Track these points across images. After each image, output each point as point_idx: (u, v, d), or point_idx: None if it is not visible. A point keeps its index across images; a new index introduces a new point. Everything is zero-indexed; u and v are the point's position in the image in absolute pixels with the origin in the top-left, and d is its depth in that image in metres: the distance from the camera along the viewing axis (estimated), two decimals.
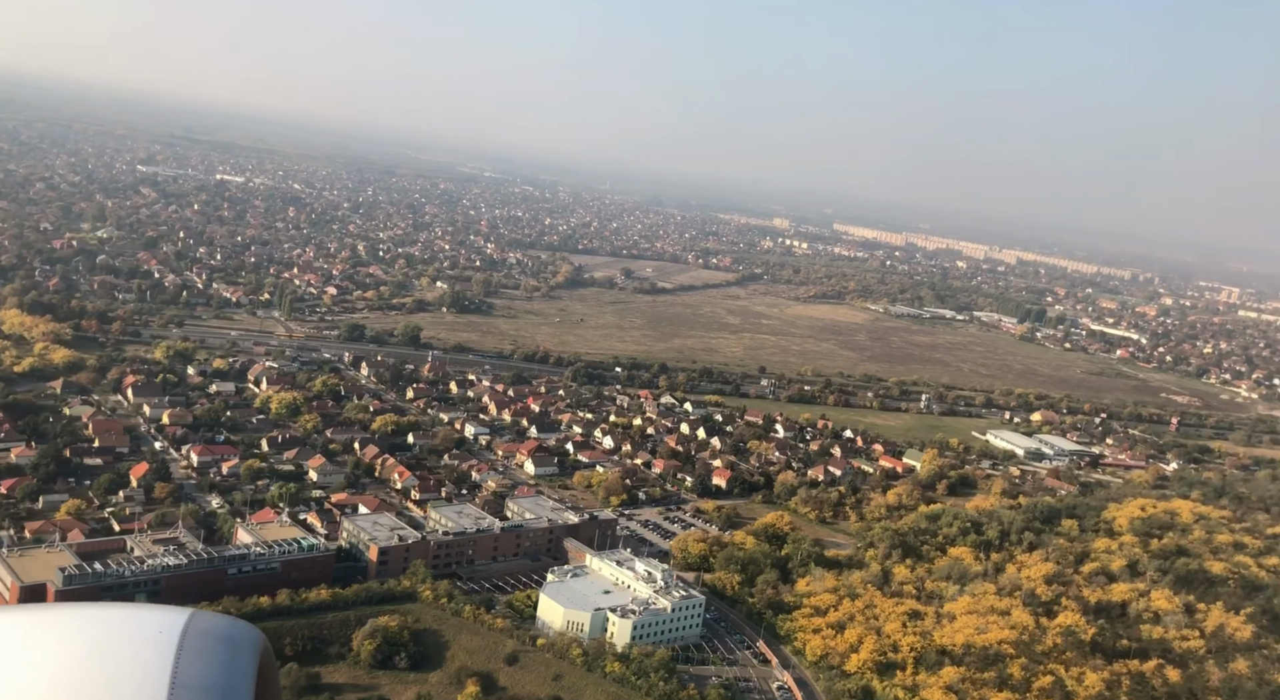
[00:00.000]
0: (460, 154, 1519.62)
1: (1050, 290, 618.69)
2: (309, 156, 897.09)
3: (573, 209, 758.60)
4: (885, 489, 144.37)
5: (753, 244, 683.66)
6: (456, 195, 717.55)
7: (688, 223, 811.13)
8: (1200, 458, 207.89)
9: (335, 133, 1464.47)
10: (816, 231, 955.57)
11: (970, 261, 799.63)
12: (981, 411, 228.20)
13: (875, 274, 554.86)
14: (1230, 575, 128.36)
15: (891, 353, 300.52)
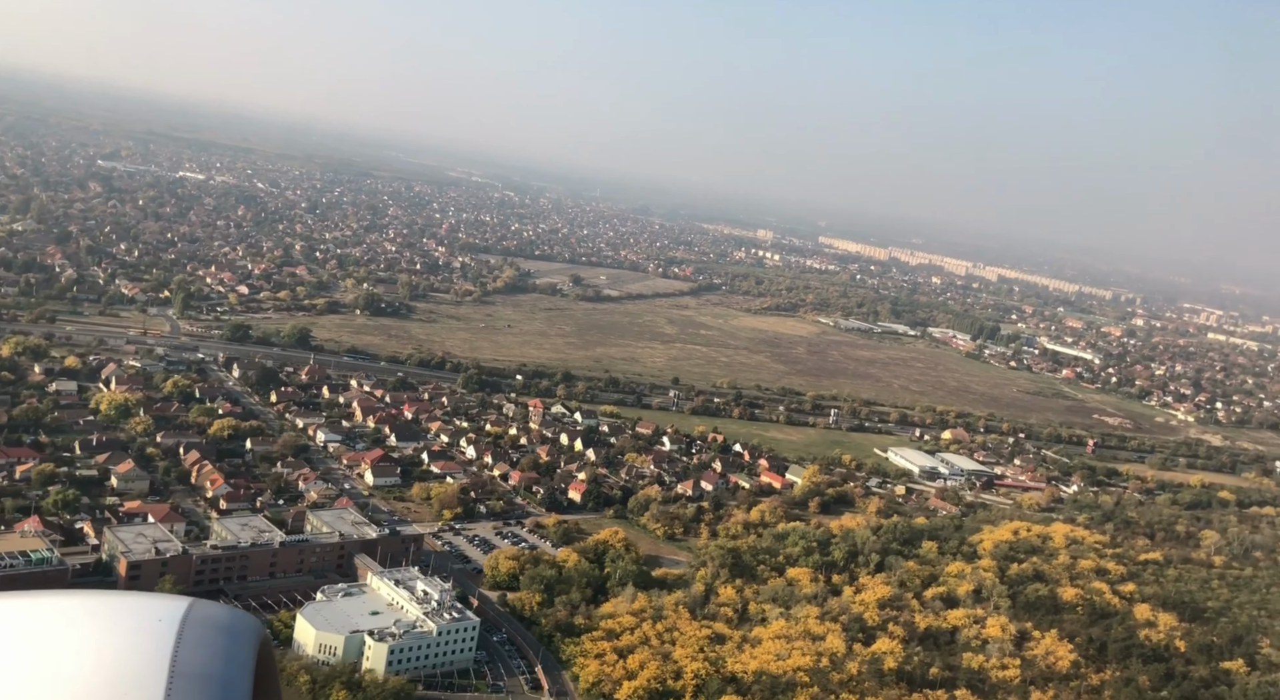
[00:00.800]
0: (453, 158, 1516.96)
1: (1019, 308, 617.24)
2: (288, 156, 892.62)
3: (547, 215, 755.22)
4: (751, 505, 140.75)
5: (725, 254, 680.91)
6: (429, 198, 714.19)
7: (665, 232, 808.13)
8: (1105, 481, 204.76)
9: (327, 134, 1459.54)
10: (799, 244, 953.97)
11: (948, 277, 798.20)
12: (893, 428, 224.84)
13: (839, 287, 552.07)
14: (1080, 602, 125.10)
15: (825, 367, 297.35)
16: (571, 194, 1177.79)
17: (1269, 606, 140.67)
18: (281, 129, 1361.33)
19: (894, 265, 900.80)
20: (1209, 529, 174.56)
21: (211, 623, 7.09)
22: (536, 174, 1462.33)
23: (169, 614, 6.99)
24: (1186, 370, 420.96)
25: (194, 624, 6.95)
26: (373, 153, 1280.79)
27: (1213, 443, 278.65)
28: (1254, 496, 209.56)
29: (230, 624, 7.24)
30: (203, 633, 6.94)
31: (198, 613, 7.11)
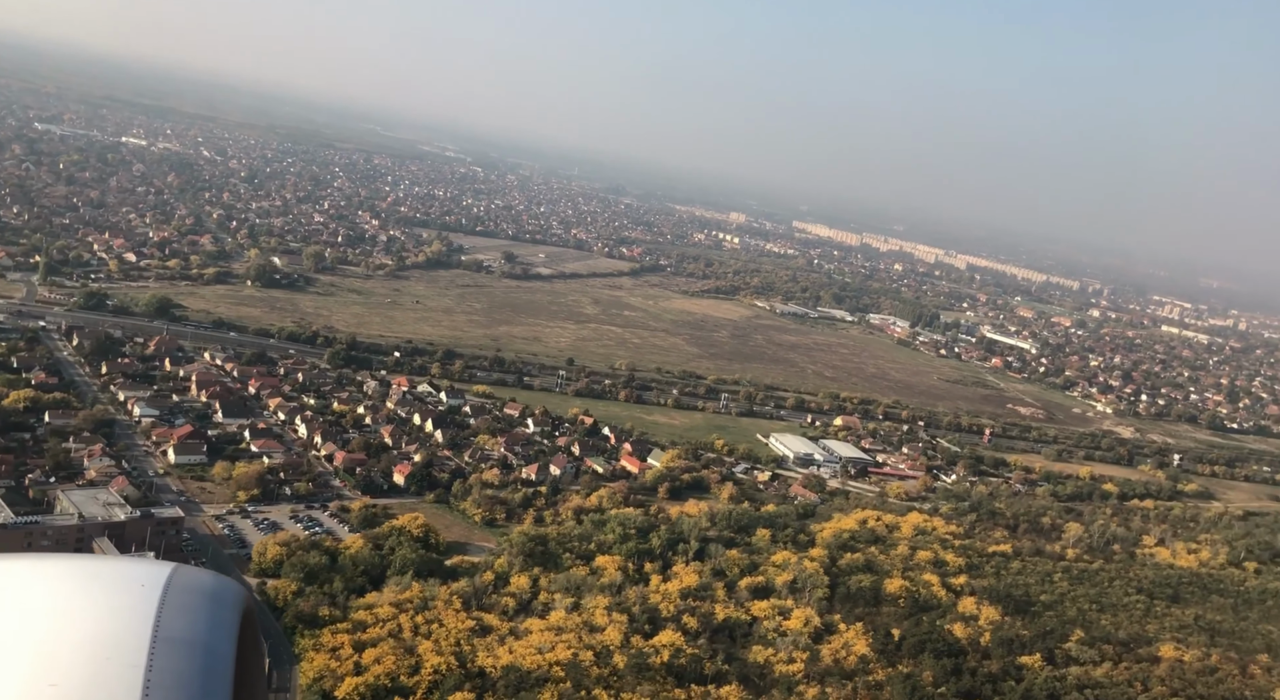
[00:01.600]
0: (437, 133, 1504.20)
1: (973, 296, 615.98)
2: (249, 125, 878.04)
3: (508, 191, 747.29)
4: (591, 491, 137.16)
5: (684, 236, 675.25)
6: (385, 171, 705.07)
7: (629, 212, 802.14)
8: (989, 471, 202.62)
9: (307, 106, 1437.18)
10: (771, 228, 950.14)
11: (910, 265, 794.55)
12: (787, 414, 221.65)
13: (790, 272, 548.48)
14: (903, 594, 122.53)
15: (743, 351, 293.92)
16: (550, 172, 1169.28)
17: (1104, 599, 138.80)
18: (259, 99, 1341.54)
19: (864, 251, 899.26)
20: (1076, 521, 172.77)
21: (195, 588, 7.01)
22: (523, 151, 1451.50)
23: (152, 579, 6.89)
24: (1124, 362, 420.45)
25: (177, 589, 6.86)
26: (347, 125, 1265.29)
27: (1121, 434, 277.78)
28: (1137, 489, 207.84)
29: (214, 589, 7.13)
30: (186, 598, 6.83)
31: (181, 578, 7.02)
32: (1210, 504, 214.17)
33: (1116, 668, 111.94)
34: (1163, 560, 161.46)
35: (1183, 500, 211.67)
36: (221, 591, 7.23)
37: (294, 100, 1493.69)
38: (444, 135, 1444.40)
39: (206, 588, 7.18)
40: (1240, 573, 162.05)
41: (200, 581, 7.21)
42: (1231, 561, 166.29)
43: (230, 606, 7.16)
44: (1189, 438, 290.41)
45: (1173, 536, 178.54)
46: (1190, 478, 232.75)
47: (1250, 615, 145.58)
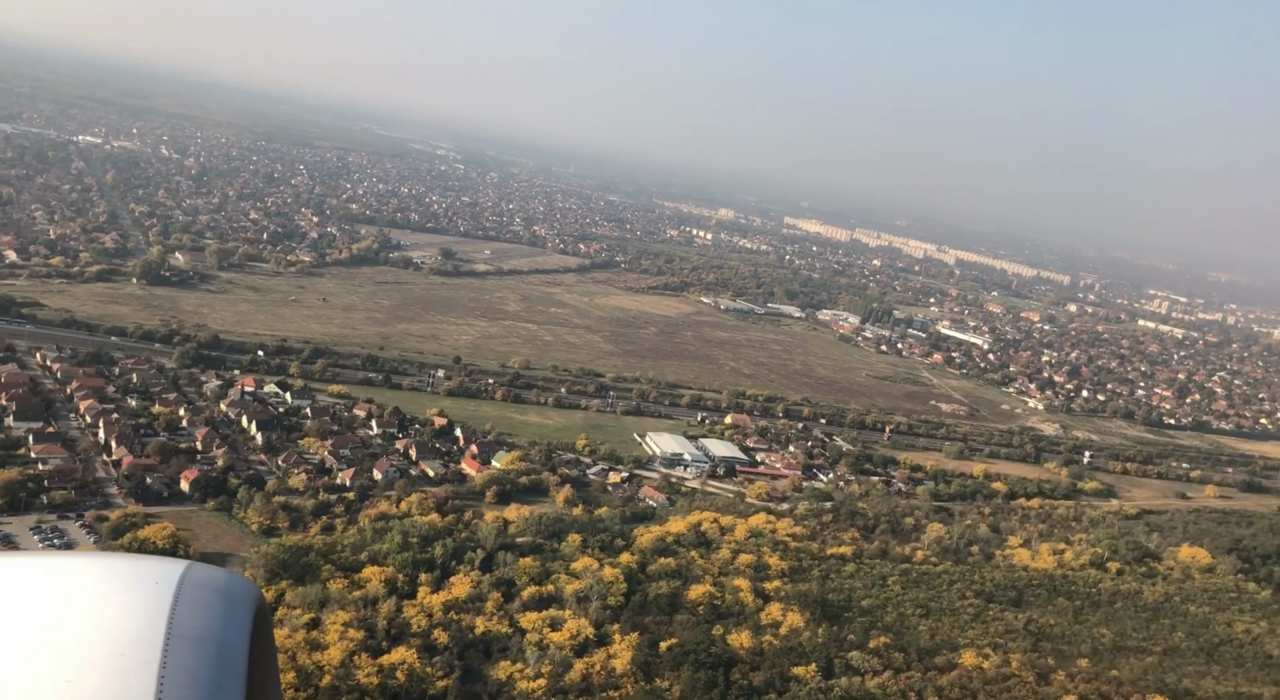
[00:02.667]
0: (438, 131, 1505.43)
1: (944, 291, 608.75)
2: (230, 125, 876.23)
3: (481, 189, 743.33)
4: (401, 498, 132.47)
5: (658, 232, 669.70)
6: (357, 168, 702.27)
7: (609, 208, 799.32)
8: (874, 470, 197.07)
9: (306, 106, 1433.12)
10: (760, 224, 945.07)
11: (893, 259, 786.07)
12: (676, 412, 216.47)
13: (753, 267, 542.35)
14: (703, 601, 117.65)
15: (663, 348, 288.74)
16: (543, 169, 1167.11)
17: (934, 604, 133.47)
18: (256, 99, 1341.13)
19: (853, 247, 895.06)
20: (941, 522, 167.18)
21: (209, 585, 7.06)
22: (527, 150, 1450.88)
23: (166, 576, 6.95)
24: (1081, 357, 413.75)
25: (191, 586, 6.92)
26: (342, 124, 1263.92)
27: (1043, 431, 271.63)
28: (1029, 488, 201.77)
29: (227, 587, 7.18)
30: (200, 595, 6.89)
31: (195, 575, 7.08)
32: (1108, 502, 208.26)
33: (898, 677, 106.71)
34: (1019, 562, 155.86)
35: (1078, 499, 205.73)
36: (235, 588, 7.19)
37: (294, 100, 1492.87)
38: (445, 134, 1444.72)
39: (220, 585, 7.13)
40: (1098, 574, 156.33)
41: (214, 578, 7.17)
42: (1094, 562, 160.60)
43: (243, 603, 7.11)
44: (1118, 434, 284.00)
45: (1047, 537, 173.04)
46: (1096, 476, 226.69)
47: (1091, 618, 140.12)
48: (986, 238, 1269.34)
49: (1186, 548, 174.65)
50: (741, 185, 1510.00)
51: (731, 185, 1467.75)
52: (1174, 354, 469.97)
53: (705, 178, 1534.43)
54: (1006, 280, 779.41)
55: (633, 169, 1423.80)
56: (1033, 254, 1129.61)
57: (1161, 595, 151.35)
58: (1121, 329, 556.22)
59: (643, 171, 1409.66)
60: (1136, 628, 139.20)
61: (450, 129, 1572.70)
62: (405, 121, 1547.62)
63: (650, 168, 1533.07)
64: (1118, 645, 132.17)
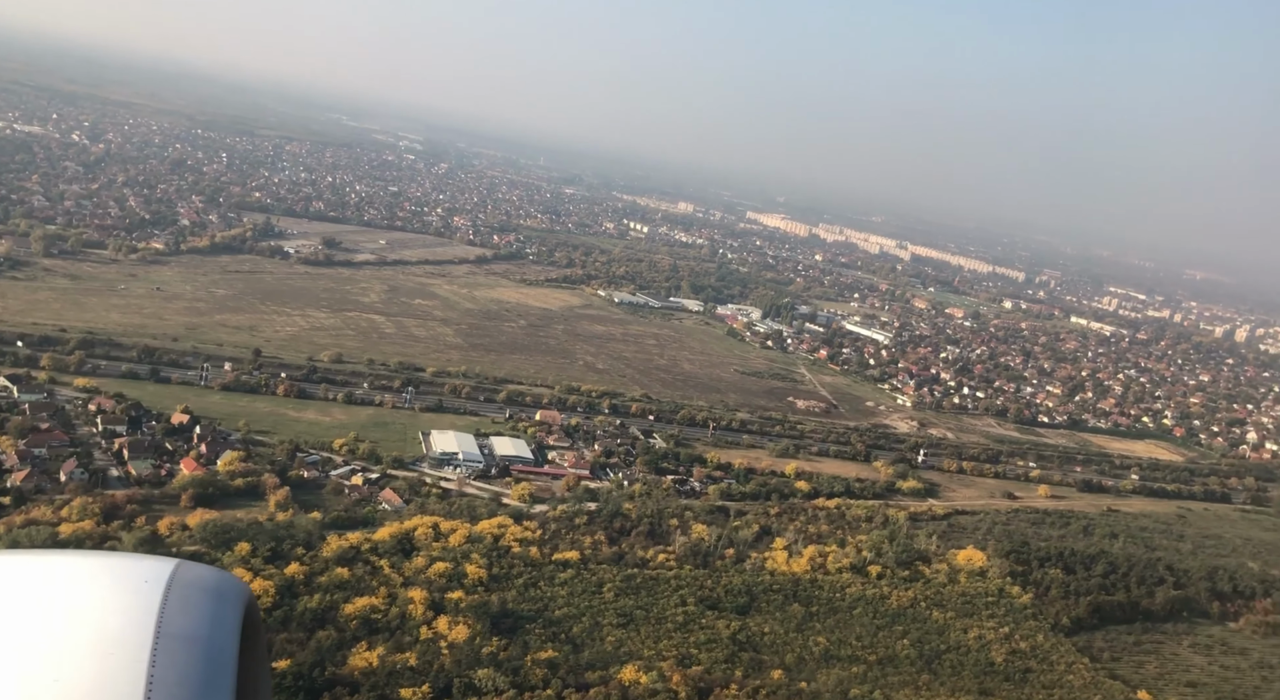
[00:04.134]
0: (412, 123, 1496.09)
1: (874, 285, 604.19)
2: (173, 113, 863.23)
3: (419, 178, 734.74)
4: (63, 505, 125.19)
5: (593, 225, 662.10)
6: (288, 159, 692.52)
7: (554, 200, 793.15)
8: (670, 468, 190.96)
9: (278, 96, 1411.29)
10: (718, 218, 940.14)
11: (836, 254, 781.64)
12: (486, 408, 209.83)
13: (674, 260, 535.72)
14: (361, 615, 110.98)
15: (519, 342, 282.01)
16: (509, 161, 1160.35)
17: (638, 612, 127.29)
18: (225, 89, 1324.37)
19: (810, 242, 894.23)
20: (708, 523, 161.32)
21: (198, 584, 6.98)
22: (505, 143, 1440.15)
23: (154, 575, 6.87)
24: (983, 354, 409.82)
25: (180, 585, 6.85)
26: (308, 114, 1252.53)
27: (897, 429, 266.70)
28: (835, 487, 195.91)
29: (217, 586, 7.11)
30: (189, 594, 6.81)
31: (184, 574, 7.00)
32: (923, 502, 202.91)
33: (522, 697, 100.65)
34: (772, 566, 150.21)
35: (890, 499, 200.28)
36: (225, 587, 7.10)
37: (271, 93, 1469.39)
38: (426, 127, 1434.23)
39: (209, 583, 7.04)
40: (852, 578, 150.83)
41: (203, 577, 7.08)
42: (855, 566, 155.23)
43: (233, 602, 7.03)
44: (978, 432, 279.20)
45: (827, 538, 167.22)
46: (927, 475, 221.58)
47: (817, 625, 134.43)
48: (963, 234, 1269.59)
49: (970, 550, 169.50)
50: (731, 181, 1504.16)
51: (711, 179, 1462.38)
52: (1089, 351, 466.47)
53: (695, 173, 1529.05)
54: (960, 276, 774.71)
55: (618, 164, 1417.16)
56: (1005, 251, 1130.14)
57: (908, 601, 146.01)
58: (1048, 325, 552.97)
59: (625, 165, 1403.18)
60: (864, 636, 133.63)
61: (429, 122, 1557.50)
62: (385, 114, 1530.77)
63: (638, 163, 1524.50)
64: (829, 654, 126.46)
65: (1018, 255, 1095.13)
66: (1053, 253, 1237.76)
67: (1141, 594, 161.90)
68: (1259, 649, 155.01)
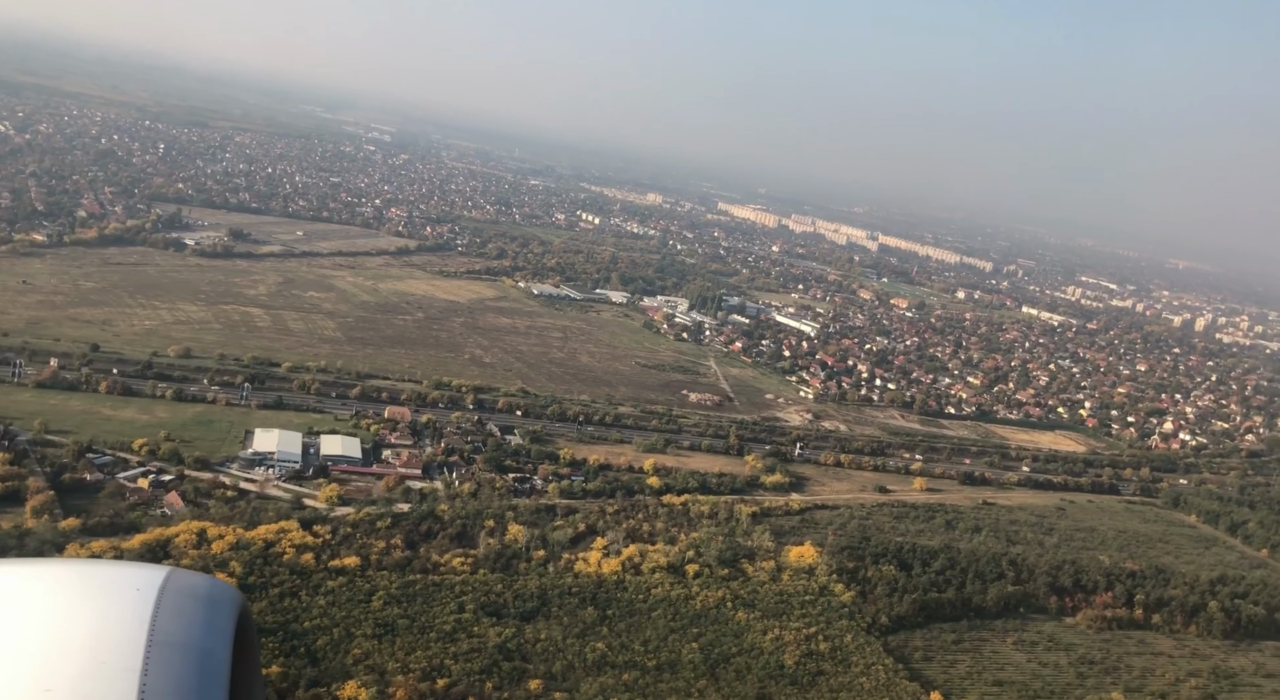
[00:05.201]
0: (392, 115, 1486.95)
1: (823, 276, 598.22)
2: (124, 104, 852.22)
3: (369, 169, 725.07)
4: None
5: (539, 217, 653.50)
6: (236, 148, 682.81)
7: (509, 191, 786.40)
8: (515, 466, 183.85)
9: (256, 90, 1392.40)
10: (687, 209, 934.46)
11: (791, 245, 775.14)
12: (333, 404, 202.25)
13: (611, 252, 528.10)
14: None
15: (406, 336, 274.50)
16: (484, 154, 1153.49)
17: (401, 622, 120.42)
18: (201, 82, 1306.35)
19: (778, 233, 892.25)
20: (524, 524, 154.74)
21: (190, 591, 6.96)
22: (488, 135, 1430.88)
23: (147, 582, 6.85)
24: (910, 346, 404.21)
25: (172, 593, 6.83)
26: (282, 106, 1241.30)
27: (789, 422, 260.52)
28: (689, 483, 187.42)
29: (209, 593, 7.08)
30: (181, 602, 6.80)
31: (176, 581, 6.97)
32: (786, 496, 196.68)
33: None
34: (580, 568, 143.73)
35: (750, 493, 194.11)
36: (217, 595, 7.04)
37: (250, 85, 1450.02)
38: (402, 118, 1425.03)
39: (202, 591, 7.00)
40: (662, 577, 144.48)
41: (195, 585, 7.03)
42: (673, 565, 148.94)
43: (226, 610, 6.98)
44: (878, 424, 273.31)
45: (656, 536, 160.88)
46: (800, 468, 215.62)
47: (603, 630, 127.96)
48: (946, 225, 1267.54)
49: (807, 546, 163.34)
50: (717, 173, 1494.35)
51: (701, 173, 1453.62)
52: (1028, 341, 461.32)
53: (680, 166, 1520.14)
54: (919, 267, 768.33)
55: (601, 156, 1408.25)
56: (985, 241, 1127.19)
57: (715, 601, 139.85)
58: (996, 315, 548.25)
59: (607, 158, 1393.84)
60: (652, 640, 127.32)
61: (427, 118, 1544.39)
62: (367, 107, 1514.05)
63: (624, 156, 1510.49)
64: (604, 661, 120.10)
65: (996, 245, 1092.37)
66: (1036, 243, 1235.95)
67: (975, 590, 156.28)
68: (1087, 644, 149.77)
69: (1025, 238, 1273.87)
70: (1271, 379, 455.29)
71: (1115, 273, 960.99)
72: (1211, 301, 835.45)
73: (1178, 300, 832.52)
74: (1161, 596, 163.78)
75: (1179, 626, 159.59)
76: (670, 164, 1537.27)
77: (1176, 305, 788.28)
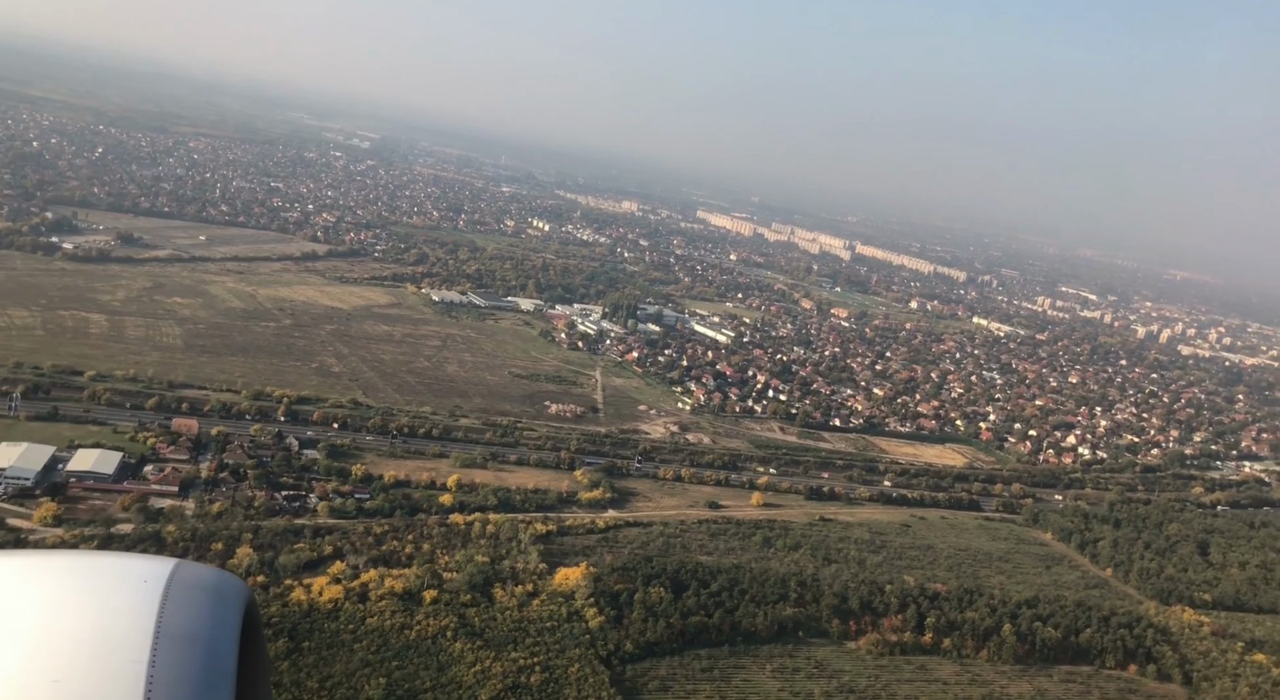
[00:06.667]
0: (386, 122, 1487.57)
1: (768, 285, 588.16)
2: (83, 108, 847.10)
3: (321, 175, 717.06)
4: None
5: (487, 224, 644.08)
6: (185, 153, 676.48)
7: (488, 196, 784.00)
8: (292, 484, 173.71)
9: (247, 97, 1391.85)
10: (665, 217, 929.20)
11: (751, 252, 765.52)
12: (116, 416, 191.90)
13: (549, 258, 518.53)
14: None
15: (260, 345, 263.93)
16: (466, 161, 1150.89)
17: None
18: (193, 90, 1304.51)
19: (752, 241, 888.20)
20: (268, 547, 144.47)
21: (197, 584, 6.96)
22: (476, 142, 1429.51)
23: (154, 574, 6.86)
24: (830, 356, 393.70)
25: (179, 585, 6.83)
26: (267, 113, 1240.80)
27: (650, 435, 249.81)
28: (488, 500, 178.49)
29: (216, 585, 7.09)
30: (188, 594, 6.80)
31: (183, 574, 6.99)
32: (601, 514, 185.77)
33: None
34: (297, 596, 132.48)
35: (561, 510, 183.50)
36: (224, 587, 7.05)
37: (244, 93, 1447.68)
38: (393, 125, 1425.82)
39: (209, 583, 6.99)
40: (389, 604, 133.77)
41: (202, 577, 7.03)
42: (410, 591, 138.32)
43: (233, 602, 7.00)
44: (750, 437, 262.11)
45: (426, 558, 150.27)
46: (634, 482, 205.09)
47: (285, 665, 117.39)
48: (938, 234, 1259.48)
49: (581, 568, 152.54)
50: (714, 182, 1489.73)
51: (694, 181, 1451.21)
52: (960, 352, 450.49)
53: (673, 174, 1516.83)
54: (878, 276, 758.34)
55: (592, 164, 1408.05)
56: (976, 251, 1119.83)
57: (435, 630, 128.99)
58: (941, 325, 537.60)
59: (599, 166, 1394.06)
60: (337, 674, 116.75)
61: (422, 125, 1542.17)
62: (358, 114, 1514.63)
63: (617, 164, 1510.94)
64: None
65: (988, 255, 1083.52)
66: (1033, 253, 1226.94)
67: (746, 614, 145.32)
68: (857, 671, 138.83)
69: (1023, 248, 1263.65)
70: (1211, 392, 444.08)
71: (1104, 284, 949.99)
72: (1193, 313, 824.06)
73: (1157, 311, 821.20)
74: (956, 619, 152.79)
75: (969, 651, 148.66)
76: (669, 172, 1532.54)
77: (1155, 316, 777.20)
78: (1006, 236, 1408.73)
